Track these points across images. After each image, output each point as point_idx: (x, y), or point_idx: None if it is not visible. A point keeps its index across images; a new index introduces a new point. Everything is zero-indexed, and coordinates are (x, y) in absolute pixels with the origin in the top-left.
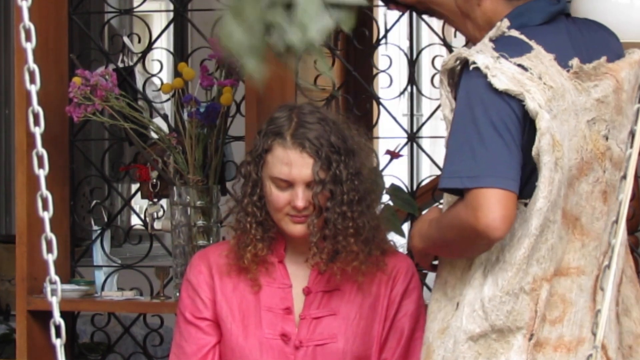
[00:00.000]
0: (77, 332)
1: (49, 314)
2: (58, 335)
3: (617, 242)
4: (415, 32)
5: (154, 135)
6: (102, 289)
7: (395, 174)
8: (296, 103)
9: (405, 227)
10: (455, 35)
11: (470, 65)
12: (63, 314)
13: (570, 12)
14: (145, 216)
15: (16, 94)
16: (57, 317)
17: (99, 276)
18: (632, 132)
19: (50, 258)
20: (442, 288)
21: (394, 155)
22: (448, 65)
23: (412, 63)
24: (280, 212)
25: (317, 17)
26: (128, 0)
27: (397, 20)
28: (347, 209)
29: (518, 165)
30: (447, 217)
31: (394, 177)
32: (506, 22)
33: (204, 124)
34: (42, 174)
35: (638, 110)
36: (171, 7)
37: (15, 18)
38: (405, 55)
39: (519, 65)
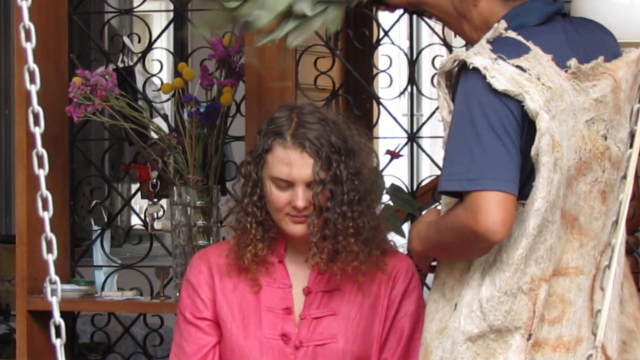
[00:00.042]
0: (77, 332)
1: (49, 314)
2: (58, 335)
3: (618, 242)
4: (415, 32)
5: (154, 135)
6: (102, 289)
7: (395, 174)
8: (296, 103)
9: (406, 227)
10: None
11: (469, 66)
12: (63, 314)
13: (570, 12)
14: (145, 216)
15: (16, 94)
16: (57, 317)
17: (99, 276)
18: (632, 132)
19: (50, 258)
20: (441, 289)
21: (394, 155)
22: (446, 67)
23: (412, 63)
24: (280, 212)
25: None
26: (128, 0)
27: (397, 20)
28: (347, 209)
29: (517, 167)
30: (446, 219)
31: (394, 177)
32: (503, 24)
33: (204, 124)
34: (42, 174)
35: (638, 111)
36: (171, 7)
37: (15, 18)
38: (406, 55)
39: (517, 67)
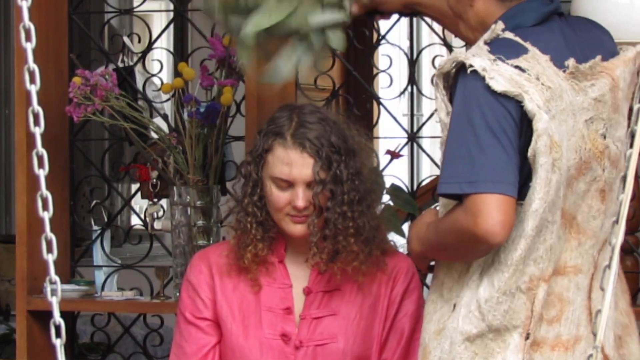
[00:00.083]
0: (77, 332)
1: (49, 314)
2: (58, 335)
3: (618, 242)
4: (415, 32)
5: (154, 135)
6: (102, 289)
7: (396, 174)
8: (297, 103)
9: (406, 227)
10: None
11: (468, 69)
12: (63, 314)
13: (570, 12)
14: (145, 216)
15: (16, 94)
16: (57, 317)
17: (99, 276)
18: (633, 132)
19: (50, 258)
20: (439, 289)
21: (394, 155)
22: (444, 68)
23: (413, 63)
24: (280, 212)
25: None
26: (128, 0)
27: (397, 20)
28: (347, 209)
29: (516, 169)
30: (445, 222)
31: (394, 177)
32: (501, 25)
33: (204, 124)
34: (42, 174)
35: (638, 110)
36: (171, 7)
37: (15, 18)
38: (406, 55)
39: (516, 67)
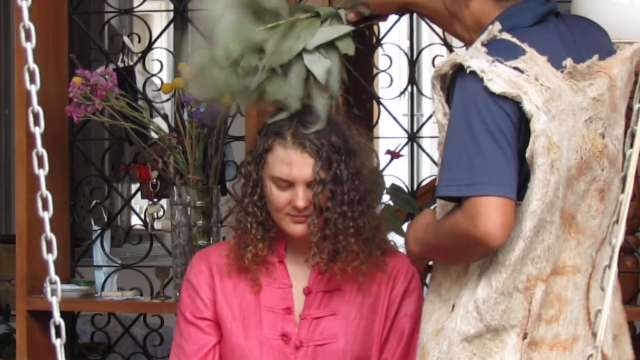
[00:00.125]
0: (77, 332)
1: (49, 314)
2: (58, 335)
3: (618, 242)
4: (415, 32)
5: (154, 135)
6: (102, 289)
7: (396, 173)
8: None
9: (406, 227)
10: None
11: (466, 70)
12: (63, 314)
13: (571, 12)
14: (145, 216)
15: (16, 94)
16: (57, 317)
17: (99, 276)
18: (633, 132)
19: (50, 258)
20: (437, 290)
21: (394, 155)
22: (442, 70)
23: (413, 63)
24: (280, 212)
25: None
26: (128, 0)
27: (397, 20)
28: (347, 208)
29: (515, 171)
30: (444, 224)
31: (394, 177)
32: (498, 26)
33: (204, 124)
34: (42, 174)
35: (638, 110)
36: (171, 7)
37: (15, 18)
38: (406, 55)
39: (515, 68)
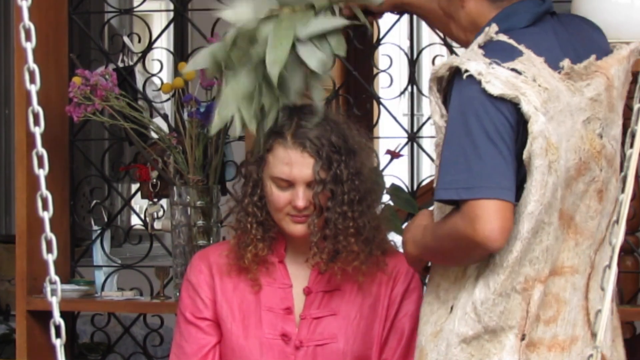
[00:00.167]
0: (77, 332)
1: (49, 314)
2: (58, 335)
3: (618, 242)
4: (415, 31)
5: (154, 135)
6: (102, 289)
7: (396, 173)
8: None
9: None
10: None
11: (463, 73)
12: (63, 314)
13: (571, 12)
14: (145, 216)
15: (16, 94)
16: (57, 317)
17: (99, 276)
18: (633, 132)
19: (50, 258)
20: (435, 291)
21: (394, 155)
22: (439, 73)
23: (413, 63)
24: (280, 212)
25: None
26: (128, 0)
27: (397, 20)
28: (347, 208)
29: (513, 174)
30: (443, 227)
31: (394, 177)
32: (495, 27)
33: (204, 124)
34: (42, 174)
35: (638, 111)
36: (171, 6)
37: (15, 18)
38: (406, 55)
39: (513, 70)
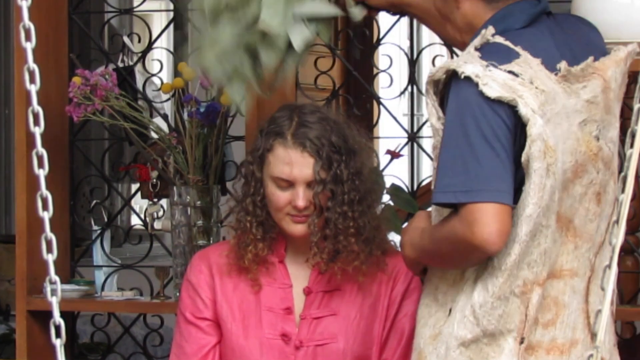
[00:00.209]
0: (77, 332)
1: (49, 314)
2: (58, 335)
3: (618, 242)
4: (415, 31)
5: (154, 135)
6: (102, 289)
7: (396, 173)
8: (297, 103)
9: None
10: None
11: (460, 76)
12: (63, 314)
13: (571, 12)
14: (145, 216)
15: (16, 94)
16: (57, 317)
17: (99, 276)
18: (633, 132)
19: (50, 258)
20: (433, 294)
21: (394, 155)
22: (435, 76)
23: (413, 63)
24: (281, 211)
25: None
26: (128, 0)
27: (397, 20)
28: (347, 208)
29: (511, 177)
30: (441, 230)
31: (394, 177)
32: (491, 30)
33: (204, 124)
34: (42, 174)
35: (638, 111)
36: (171, 7)
37: (15, 18)
38: (406, 54)
39: (510, 72)
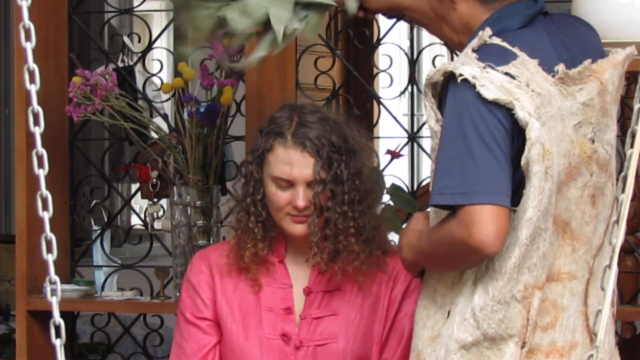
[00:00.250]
0: (77, 332)
1: (49, 314)
2: (58, 335)
3: (618, 242)
4: (415, 31)
5: (154, 135)
6: (102, 289)
7: (396, 173)
8: (297, 103)
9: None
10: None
11: (458, 78)
12: (63, 314)
13: (571, 12)
14: (145, 216)
15: (16, 94)
16: (57, 317)
17: (99, 276)
18: (633, 132)
19: (50, 258)
20: (431, 295)
21: (394, 155)
22: (433, 79)
23: (413, 63)
24: (281, 211)
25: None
26: (128, 0)
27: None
28: (348, 208)
29: (509, 179)
30: (439, 232)
31: (394, 177)
32: (488, 31)
33: (204, 124)
34: (42, 174)
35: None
36: (171, 6)
37: (15, 18)
38: (406, 54)
39: (506, 74)
